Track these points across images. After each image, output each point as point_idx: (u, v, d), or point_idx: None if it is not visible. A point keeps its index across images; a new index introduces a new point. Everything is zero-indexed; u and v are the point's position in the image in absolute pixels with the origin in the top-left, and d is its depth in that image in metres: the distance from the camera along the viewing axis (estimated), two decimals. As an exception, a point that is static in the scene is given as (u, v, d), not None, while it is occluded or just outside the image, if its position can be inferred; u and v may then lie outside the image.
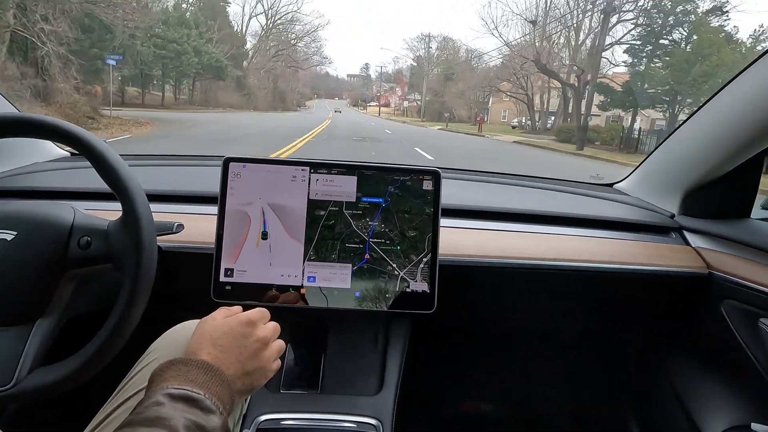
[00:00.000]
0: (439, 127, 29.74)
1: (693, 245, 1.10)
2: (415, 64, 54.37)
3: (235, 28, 38.47)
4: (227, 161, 0.88)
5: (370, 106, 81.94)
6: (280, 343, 0.69)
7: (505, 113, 37.87)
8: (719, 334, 1.01)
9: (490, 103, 38.13)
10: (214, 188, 0.87)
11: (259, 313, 0.68)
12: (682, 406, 1.11)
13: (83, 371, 0.65)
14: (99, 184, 0.69)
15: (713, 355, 1.09)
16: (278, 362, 0.68)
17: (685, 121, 1.12)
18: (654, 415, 1.23)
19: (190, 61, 26.77)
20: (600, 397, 1.42)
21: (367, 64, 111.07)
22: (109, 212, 0.83)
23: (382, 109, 72.04)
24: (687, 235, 1.14)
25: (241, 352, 0.62)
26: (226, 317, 0.66)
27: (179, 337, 0.75)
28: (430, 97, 42.98)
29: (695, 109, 1.09)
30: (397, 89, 70.85)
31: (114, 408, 0.69)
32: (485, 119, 35.95)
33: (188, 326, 0.75)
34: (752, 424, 0.93)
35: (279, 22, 41.51)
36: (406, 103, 58.27)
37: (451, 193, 1.07)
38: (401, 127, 28.04)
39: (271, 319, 0.71)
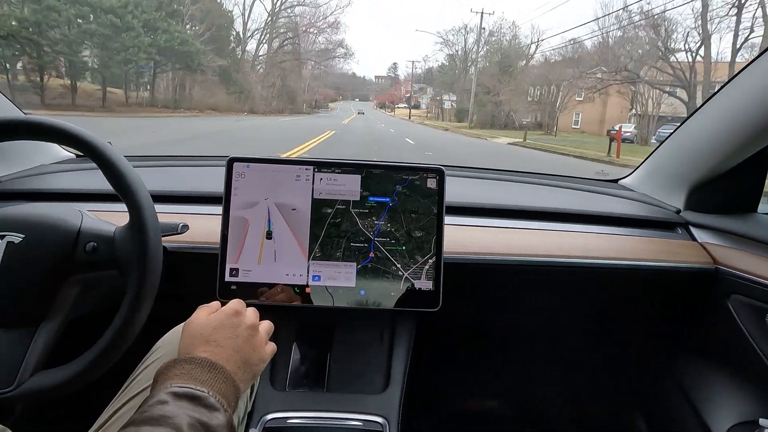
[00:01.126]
0: (510, 140, 18.93)
1: (699, 240, 1.10)
2: (446, 63, 46.89)
3: (234, 11, 31.22)
4: (231, 161, 0.88)
5: (398, 107, 74.50)
6: (267, 323, 0.70)
7: (578, 117, 27.39)
8: (726, 330, 1.00)
9: (559, 101, 25.89)
10: (219, 188, 0.88)
11: (239, 303, 0.69)
12: (689, 402, 1.10)
13: (84, 376, 0.66)
14: (105, 185, 0.69)
15: (720, 350, 1.08)
16: (272, 345, 0.69)
17: (690, 116, 1.12)
18: (660, 412, 1.22)
19: (136, 42, 17.99)
20: (606, 394, 1.41)
21: (395, 64, 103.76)
22: (116, 213, 0.84)
23: (413, 111, 62.18)
24: (693, 230, 1.13)
25: (236, 343, 0.62)
26: (209, 314, 0.66)
27: None
28: (478, 95, 31.96)
29: (701, 103, 1.08)
30: (428, 89, 60.22)
31: (119, 406, 0.69)
32: (554, 125, 25.13)
33: None
34: (761, 419, 0.92)
35: (288, 3, 33.52)
36: (447, 104, 45.76)
37: (456, 191, 1.07)
38: (453, 142, 17.54)
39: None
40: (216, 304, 0.70)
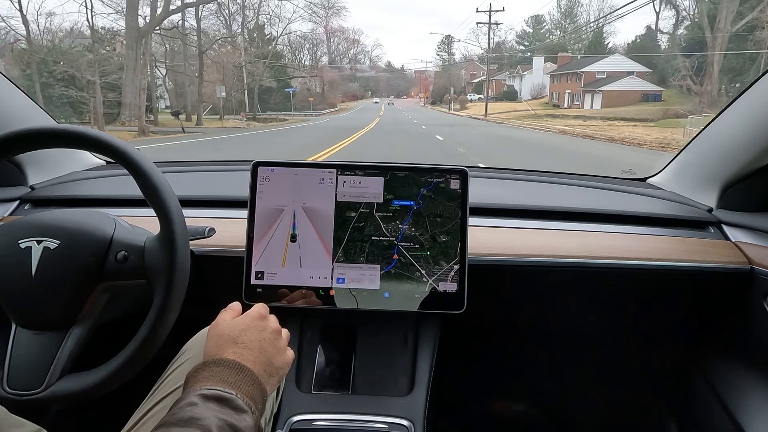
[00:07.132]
0: None
1: (733, 240, 1.06)
2: (528, 30, 31.30)
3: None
4: (256, 165, 0.89)
5: (473, 100, 40.65)
6: (286, 331, 0.73)
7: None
8: (763, 332, 0.97)
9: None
10: (244, 192, 0.89)
11: (263, 307, 0.71)
12: (724, 407, 1.07)
13: (108, 383, 0.68)
14: (134, 191, 0.71)
15: (757, 354, 1.04)
16: (291, 352, 0.71)
17: (722, 111, 1.08)
18: (693, 417, 1.19)
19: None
20: (636, 399, 1.38)
21: (449, 37, 73.85)
22: (146, 219, 0.86)
23: (501, 105, 34.11)
24: (726, 229, 1.10)
25: (263, 345, 0.64)
26: (234, 317, 0.68)
27: None
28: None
29: (734, 97, 1.05)
30: (534, 61, 35.45)
31: (149, 408, 0.71)
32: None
33: None
34: None
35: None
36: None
37: (481, 192, 1.06)
38: None
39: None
40: (237, 305, 0.72)
